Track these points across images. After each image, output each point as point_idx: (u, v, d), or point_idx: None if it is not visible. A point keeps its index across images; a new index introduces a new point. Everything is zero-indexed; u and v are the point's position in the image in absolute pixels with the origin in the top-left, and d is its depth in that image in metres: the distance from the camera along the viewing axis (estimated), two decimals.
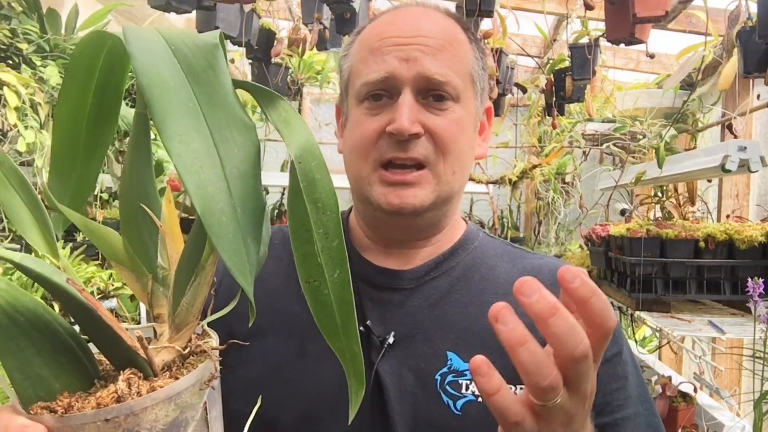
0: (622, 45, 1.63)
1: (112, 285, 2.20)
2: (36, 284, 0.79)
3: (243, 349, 0.67)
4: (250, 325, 0.42)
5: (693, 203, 2.34)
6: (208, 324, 0.46)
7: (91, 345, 0.42)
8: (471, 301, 0.74)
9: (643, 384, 0.74)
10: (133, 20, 2.95)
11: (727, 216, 2.25)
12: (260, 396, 0.59)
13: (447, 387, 0.69)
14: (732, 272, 1.75)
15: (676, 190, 2.47)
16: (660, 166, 2.02)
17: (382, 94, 0.70)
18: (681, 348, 2.45)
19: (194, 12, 1.59)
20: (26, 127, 1.76)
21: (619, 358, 0.72)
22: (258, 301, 0.43)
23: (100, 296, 2.13)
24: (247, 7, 1.76)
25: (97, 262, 2.28)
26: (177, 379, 0.40)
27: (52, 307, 0.42)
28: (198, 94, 0.36)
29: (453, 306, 0.74)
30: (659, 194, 2.56)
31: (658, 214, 2.55)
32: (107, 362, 0.43)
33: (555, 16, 2.74)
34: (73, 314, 0.39)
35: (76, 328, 0.41)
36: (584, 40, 1.98)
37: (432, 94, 0.70)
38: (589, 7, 1.70)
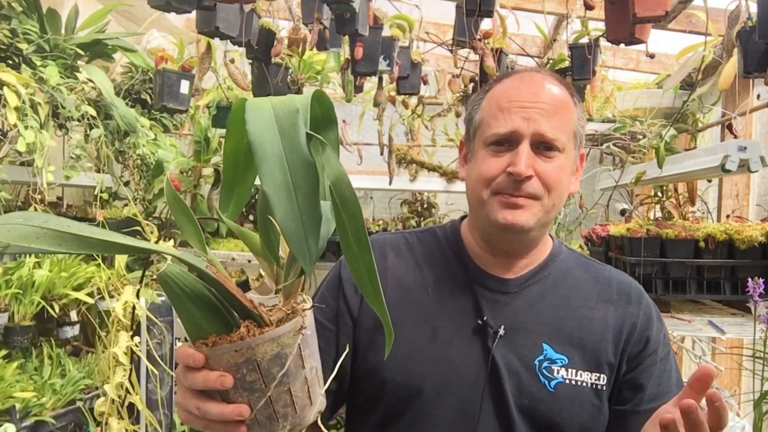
0: (622, 45, 1.63)
1: (112, 285, 2.20)
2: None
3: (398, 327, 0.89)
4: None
5: (693, 203, 2.34)
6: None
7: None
8: (560, 303, 0.97)
9: (679, 373, 0.99)
10: (133, 20, 2.95)
11: (727, 216, 2.25)
12: (405, 368, 0.91)
13: (543, 370, 0.92)
14: (732, 272, 1.75)
15: (676, 190, 2.47)
16: (660, 166, 2.02)
17: (504, 142, 0.92)
18: (681, 348, 2.45)
19: (194, 12, 1.59)
20: (26, 127, 1.76)
21: (669, 356, 0.98)
22: (395, 295, 0.94)
23: (100, 296, 2.13)
24: (247, 7, 1.76)
25: (97, 263, 2.28)
26: (277, 327, 0.61)
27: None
28: (283, 143, 0.56)
29: (547, 307, 0.96)
30: (659, 194, 2.56)
31: (658, 214, 2.55)
32: (240, 318, 0.64)
33: (555, 16, 2.74)
34: (213, 287, 0.62)
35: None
36: (584, 40, 1.97)
37: (544, 146, 0.91)
38: (589, 7, 1.70)
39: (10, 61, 1.91)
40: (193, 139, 2.88)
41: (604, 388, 0.93)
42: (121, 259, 2.42)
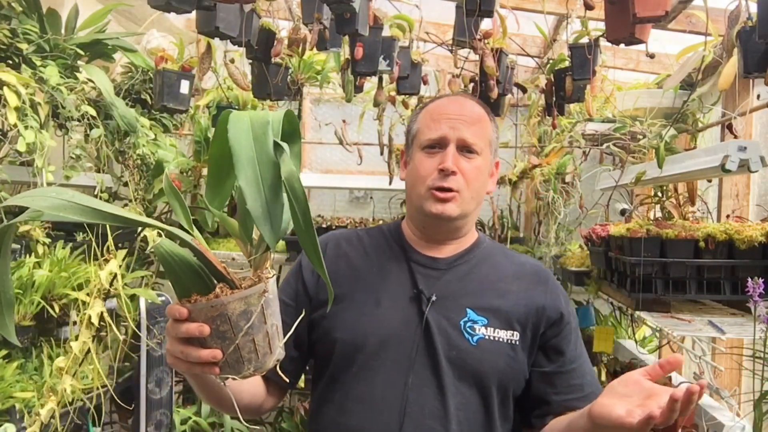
0: (622, 45, 1.63)
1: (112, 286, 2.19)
2: None
3: (343, 301, 1.17)
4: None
5: (693, 203, 2.34)
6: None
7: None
8: (482, 279, 1.22)
9: (582, 344, 1.25)
10: (133, 20, 2.95)
11: (727, 216, 2.25)
12: (354, 329, 1.15)
13: (467, 329, 1.14)
14: (732, 272, 1.75)
15: (676, 190, 2.47)
16: (660, 166, 2.02)
17: (436, 146, 1.18)
18: (681, 348, 2.44)
19: (194, 12, 1.59)
20: (26, 127, 1.75)
21: (576, 327, 1.24)
22: (347, 273, 1.22)
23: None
24: (247, 7, 1.76)
25: (96, 263, 2.28)
26: (245, 290, 0.79)
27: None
28: (255, 147, 0.74)
29: (471, 282, 1.20)
30: (659, 194, 2.56)
31: (658, 214, 2.55)
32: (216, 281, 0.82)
33: (555, 16, 2.74)
34: (197, 256, 0.79)
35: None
36: (584, 40, 1.97)
37: (465, 149, 1.17)
38: (589, 7, 1.70)
39: (10, 61, 1.91)
40: (193, 139, 2.88)
41: (518, 342, 1.16)
42: (121, 260, 2.42)
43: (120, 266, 2.06)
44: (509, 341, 1.15)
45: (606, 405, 0.94)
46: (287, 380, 1.04)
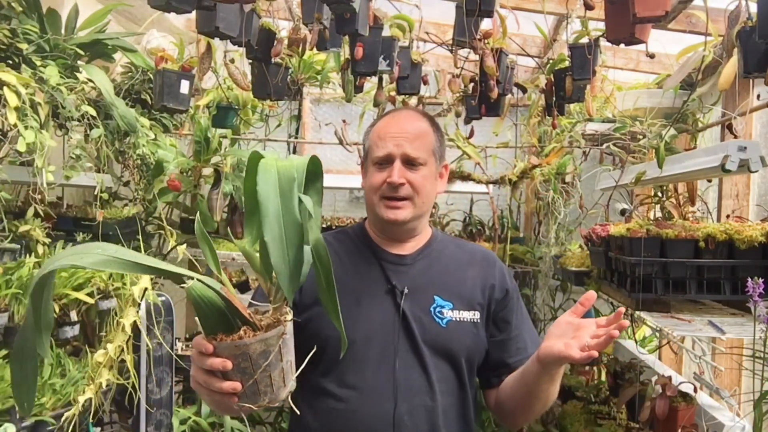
0: (622, 45, 1.63)
1: (112, 285, 2.19)
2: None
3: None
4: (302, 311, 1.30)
5: (693, 203, 2.34)
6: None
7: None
8: (442, 269, 1.39)
9: (525, 311, 1.47)
10: (133, 20, 2.95)
11: (727, 216, 2.25)
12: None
13: (437, 314, 1.32)
14: (732, 272, 1.75)
15: (676, 190, 2.47)
16: (660, 166, 2.02)
17: (384, 162, 1.33)
18: (681, 348, 2.45)
19: (194, 12, 1.59)
20: (26, 127, 1.75)
21: (519, 300, 1.46)
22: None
23: (100, 296, 2.13)
24: (247, 7, 1.76)
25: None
26: (265, 333, 0.87)
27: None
28: (282, 204, 0.80)
29: (434, 273, 1.38)
30: (659, 194, 2.56)
31: (658, 214, 2.55)
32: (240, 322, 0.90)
33: (555, 16, 2.74)
34: (224, 302, 0.87)
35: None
36: (584, 40, 1.97)
37: (410, 162, 1.32)
38: (589, 7, 1.70)
39: (10, 61, 1.91)
40: (193, 139, 2.88)
41: (479, 320, 1.35)
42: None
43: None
44: (472, 320, 1.34)
45: (547, 346, 1.15)
46: (297, 411, 1.20)
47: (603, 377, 2.68)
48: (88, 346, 2.32)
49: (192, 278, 0.84)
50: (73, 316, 2.07)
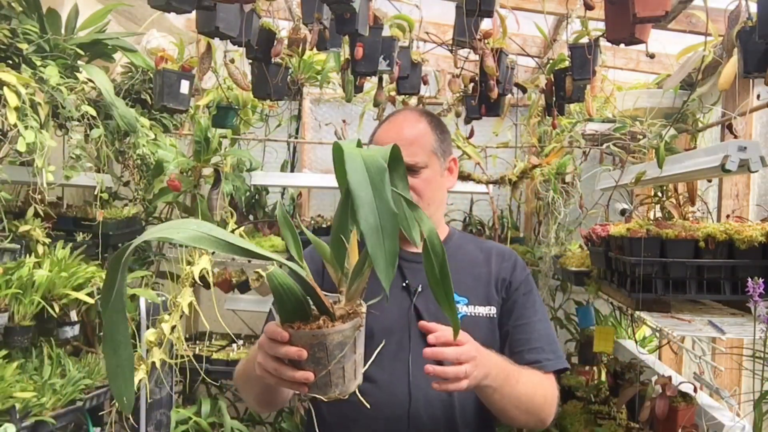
0: (622, 45, 1.63)
1: None
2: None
3: None
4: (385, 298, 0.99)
5: (693, 203, 2.34)
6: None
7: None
8: (458, 266, 1.35)
9: (541, 306, 1.43)
10: (133, 20, 2.95)
11: (727, 216, 2.25)
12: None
13: None
14: (732, 272, 1.75)
15: (676, 190, 2.47)
16: (660, 166, 2.02)
17: None
18: (681, 348, 2.45)
19: (194, 12, 1.59)
20: (26, 127, 1.75)
21: (531, 293, 1.42)
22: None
23: (100, 296, 2.13)
24: (247, 7, 1.76)
25: (97, 263, 2.28)
26: (344, 323, 0.87)
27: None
28: (375, 195, 0.77)
29: (450, 270, 1.35)
30: (659, 194, 2.56)
31: (658, 214, 2.55)
32: (316, 310, 0.89)
33: (555, 16, 2.74)
34: (304, 288, 0.87)
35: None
36: (584, 40, 1.97)
37: (409, 168, 1.26)
38: (589, 7, 1.70)
39: (10, 61, 1.91)
40: (193, 139, 2.88)
41: (495, 315, 1.37)
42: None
43: None
44: (488, 315, 1.36)
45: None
46: (368, 405, 1.16)
47: (603, 377, 2.68)
48: (88, 346, 2.32)
49: (273, 264, 0.84)
50: (73, 316, 2.07)
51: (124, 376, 0.75)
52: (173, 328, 2.07)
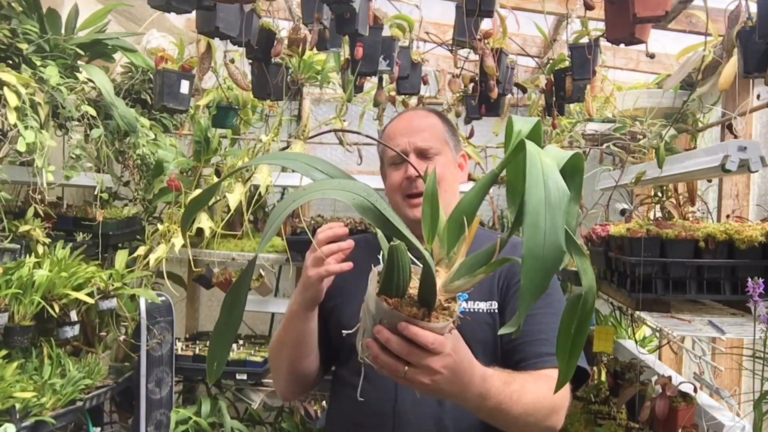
0: (622, 45, 1.63)
1: (112, 285, 2.19)
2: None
3: (349, 294, 1.29)
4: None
5: (693, 203, 2.34)
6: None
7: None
8: None
9: (554, 305, 1.27)
10: (133, 20, 2.95)
11: (727, 216, 2.25)
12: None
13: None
14: (732, 272, 1.75)
15: (676, 190, 2.47)
16: (660, 166, 2.02)
17: (398, 160, 1.34)
18: (681, 348, 2.45)
19: (194, 12, 1.59)
20: (26, 127, 1.75)
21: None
22: (353, 272, 1.16)
23: (100, 296, 2.13)
24: (247, 7, 1.76)
25: (97, 262, 2.28)
26: (437, 321, 0.83)
27: None
28: (548, 218, 0.67)
29: None
30: (659, 194, 2.56)
31: (658, 214, 2.55)
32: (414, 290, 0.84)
33: (555, 16, 2.74)
34: (425, 276, 0.80)
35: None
36: (584, 40, 1.97)
37: (424, 153, 1.33)
38: (589, 7, 1.70)
39: (10, 61, 1.91)
40: (193, 139, 2.88)
41: (496, 310, 1.30)
42: (121, 260, 2.42)
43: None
44: (488, 311, 1.29)
45: None
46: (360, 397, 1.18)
47: (603, 377, 2.68)
48: (88, 346, 2.32)
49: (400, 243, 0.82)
50: (73, 316, 2.07)
51: (226, 338, 0.76)
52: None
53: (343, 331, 1.24)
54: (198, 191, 2.47)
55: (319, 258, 1.13)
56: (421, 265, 0.81)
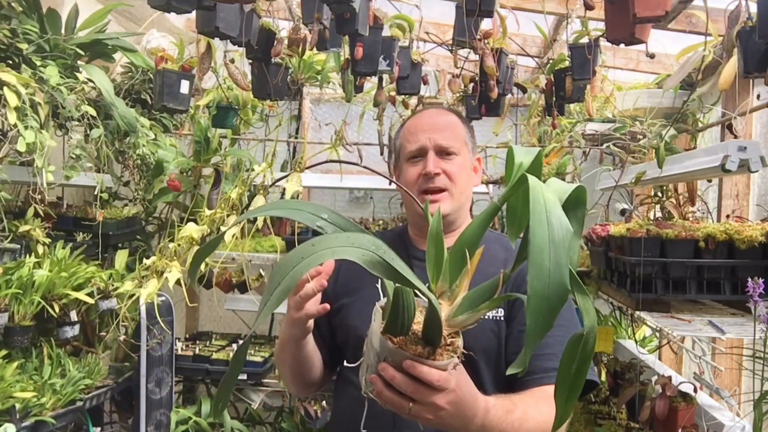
0: (622, 45, 1.63)
1: (112, 285, 2.19)
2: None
3: (355, 294, 1.34)
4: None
5: (693, 203, 2.34)
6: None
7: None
8: (480, 268, 1.17)
9: (568, 319, 1.24)
10: (133, 20, 2.95)
11: (727, 216, 2.25)
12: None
13: None
14: (732, 272, 1.75)
15: (676, 190, 2.47)
16: (660, 166, 2.02)
17: (417, 155, 1.33)
18: (681, 348, 2.45)
19: (194, 12, 1.59)
20: (26, 127, 1.75)
21: None
22: (359, 271, 0.88)
23: (100, 296, 2.13)
24: (247, 7, 1.76)
25: (97, 262, 2.28)
26: (442, 358, 0.83)
27: None
28: (552, 255, 0.66)
29: None
30: (659, 194, 2.56)
31: (658, 214, 2.55)
32: (418, 328, 0.85)
33: (555, 16, 2.74)
34: (429, 314, 0.81)
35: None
36: (584, 40, 1.97)
37: (444, 151, 1.32)
38: (589, 7, 1.70)
39: (10, 61, 1.91)
40: (193, 139, 2.88)
41: (502, 318, 1.27)
42: (121, 260, 2.42)
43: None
44: (494, 318, 1.27)
45: None
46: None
47: (603, 377, 2.68)
48: (88, 346, 2.32)
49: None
50: (73, 316, 2.07)
51: (230, 387, 0.78)
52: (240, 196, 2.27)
53: (345, 363, 1.25)
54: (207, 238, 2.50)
55: (300, 301, 1.11)
56: (425, 299, 0.81)
